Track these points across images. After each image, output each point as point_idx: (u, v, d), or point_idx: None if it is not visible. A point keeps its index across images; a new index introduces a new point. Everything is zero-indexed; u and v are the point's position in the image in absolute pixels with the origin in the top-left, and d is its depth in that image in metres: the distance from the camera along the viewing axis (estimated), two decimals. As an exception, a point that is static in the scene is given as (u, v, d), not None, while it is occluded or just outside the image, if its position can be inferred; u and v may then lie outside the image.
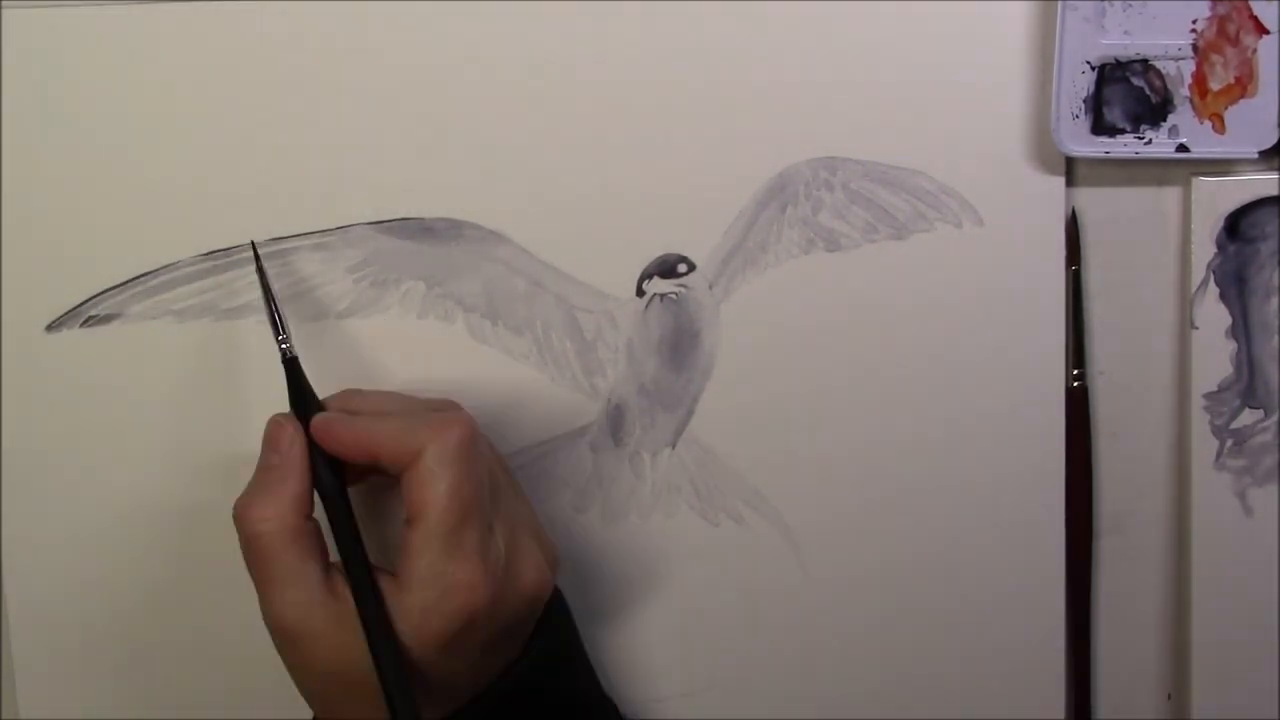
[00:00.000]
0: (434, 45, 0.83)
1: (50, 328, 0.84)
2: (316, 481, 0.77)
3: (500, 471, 0.81)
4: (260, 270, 0.81)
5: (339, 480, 0.78)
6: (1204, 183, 0.85)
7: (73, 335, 0.84)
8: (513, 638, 0.79)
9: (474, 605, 0.74)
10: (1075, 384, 0.87)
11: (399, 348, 0.85)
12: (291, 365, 0.79)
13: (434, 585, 0.74)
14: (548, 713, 0.81)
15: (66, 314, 0.84)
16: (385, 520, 0.84)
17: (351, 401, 0.81)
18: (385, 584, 0.75)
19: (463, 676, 0.77)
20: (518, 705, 0.79)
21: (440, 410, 0.79)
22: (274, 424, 0.78)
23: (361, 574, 0.75)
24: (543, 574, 0.78)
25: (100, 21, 0.83)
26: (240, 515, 0.76)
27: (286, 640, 0.76)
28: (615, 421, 0.87)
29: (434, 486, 0.74)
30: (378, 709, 0.73)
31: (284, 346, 0.79)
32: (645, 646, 0.89)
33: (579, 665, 0.85)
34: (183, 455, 0.86)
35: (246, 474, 0.82)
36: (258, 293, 0.83)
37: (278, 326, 0.79)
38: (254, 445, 0.84)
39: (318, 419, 0.78)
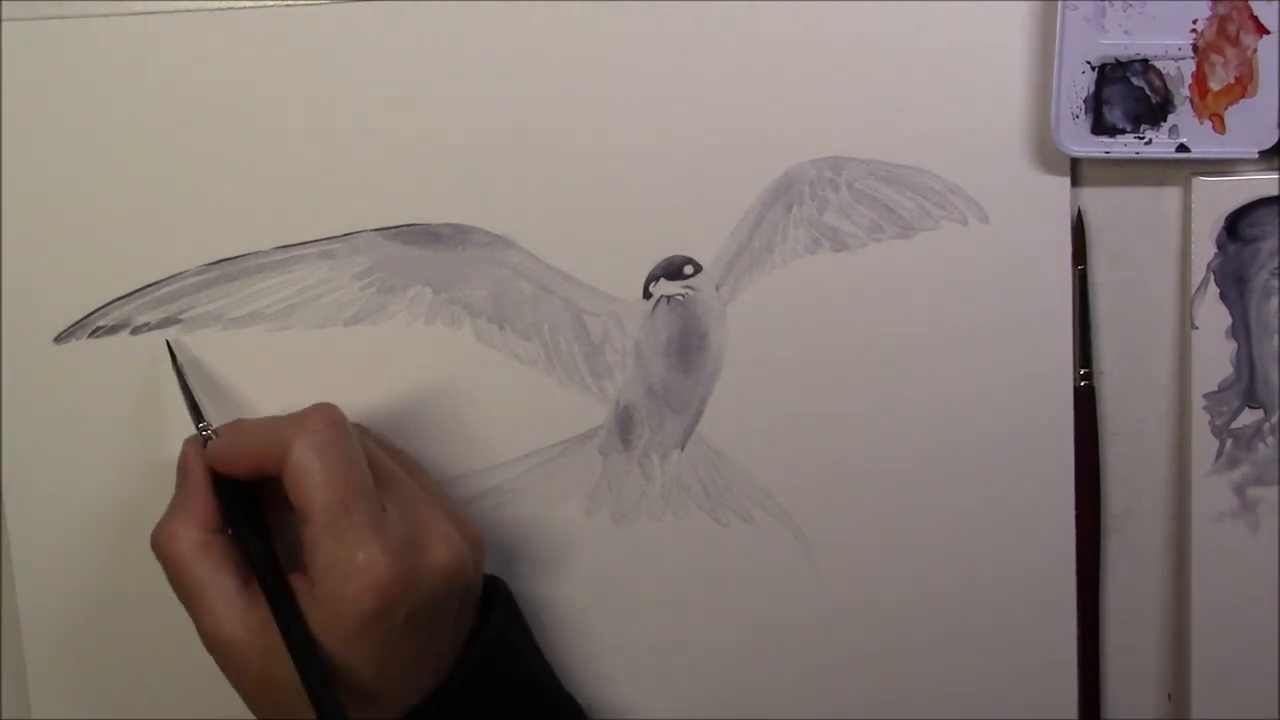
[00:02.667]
0: (438, 50, 0.84)
1: (58, 339, 0.84)
2: (222, 499, 0.79)
3: (389, 458, 0.81)
4: (176, 365, 0.84)
5: (244, 495, 0.79)
6: (1204, 183, 0.85)
7: (80, 346, 0.85)
8: (441, 625, 0.78)
9: (380, 581, 0.74)
10: (1082, 383, 0.87)
11: (407, 354, 0.85)
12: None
13: (335, 572, 0.74)
14: (502, 714, 0.81)
15: (74, 325, 0.84)
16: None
17: (239, 425, 0.83)
18: (298, 585, 0.76)
19: (397, 671, 0.77)
20: (467, 707, 0.79)
21: (305, 410, 0.79)
22: (180, 452, 0.81)
23: (270, 578, 0.76)
24: (456, 548, 0.78)
25: (102, 31, 0.83)
26: (154, 540, 0.78)
27: (217, 654, 0.77)
28: (624, 424, 0.87)
29: (309, 479, 0.75)
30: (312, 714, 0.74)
31: (206, 432, 0.81)
32: (657, 647, 0.89)
33: (531, 662, 0.85)
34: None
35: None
36: (264, 300, 0.84)
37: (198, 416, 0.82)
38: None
39: (208, 449, 0.80)
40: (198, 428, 0.81)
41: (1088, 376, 0.87)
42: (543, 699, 0.84)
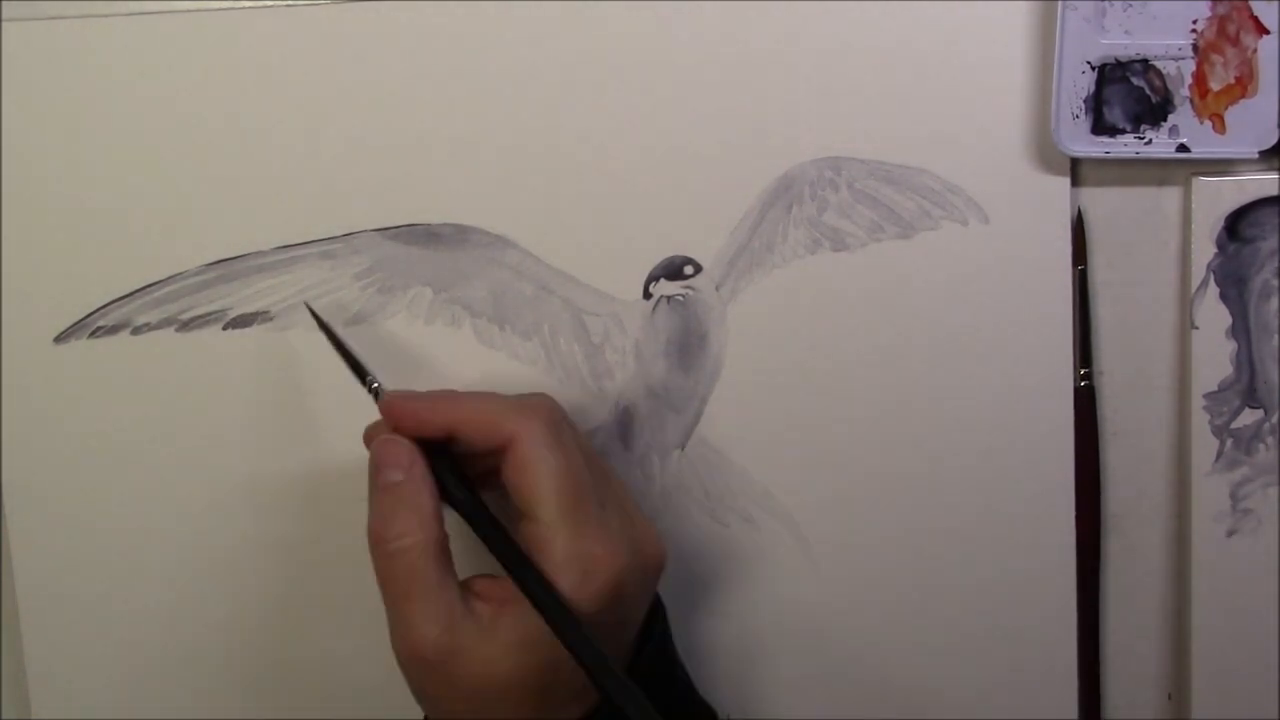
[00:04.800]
0: (437, 50, 0.84)
1: (58, 339, 0.84)
2: (444, 491, 0.75)
3: (590, 451, 0.80)
4: (325, 327, 0.82)
5: (467, 484, 0.76)
6: (1204, 183, 0.85)
7: (80, 346, 0.85)
8: (637, 620, 0.78)
9: (617, 573, 0.73)
10: (1082, 383, 0.87)
11: (407, 353, 0.85)
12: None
13: (575, 567, 0.72)
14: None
15: (74, 325, 0.84)
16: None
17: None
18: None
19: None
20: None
21: (525, 397, 0.77)
22: (386, 443, 0.76)
23: (520, 560, 0.73)
24: (659, 543, 0.78)
25: (102, 32, 0.83)
26: (378, 536, 0.74)
27: (429, 663, 0.73)
28: (624, 424, 0.87)
29: (541, 471, 0.73)
30: (532, 711, 0.73)
31: (375, 386, 0.78)
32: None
33: (679, 666, 0.83)
34: (189, 462, 0.86)
35: (252, 479, 0.83)
36: (264, 300, 0.84)
37: (362, 371, 0.79)
38: (260, 451, 0.85)
39: (392, 397, 0.76)
40: (364, 382, 0.78)
41: (1088, 376, 0.87)
42: (686, 707, 0.83)
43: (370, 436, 0.78)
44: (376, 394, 0.77)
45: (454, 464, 0.76)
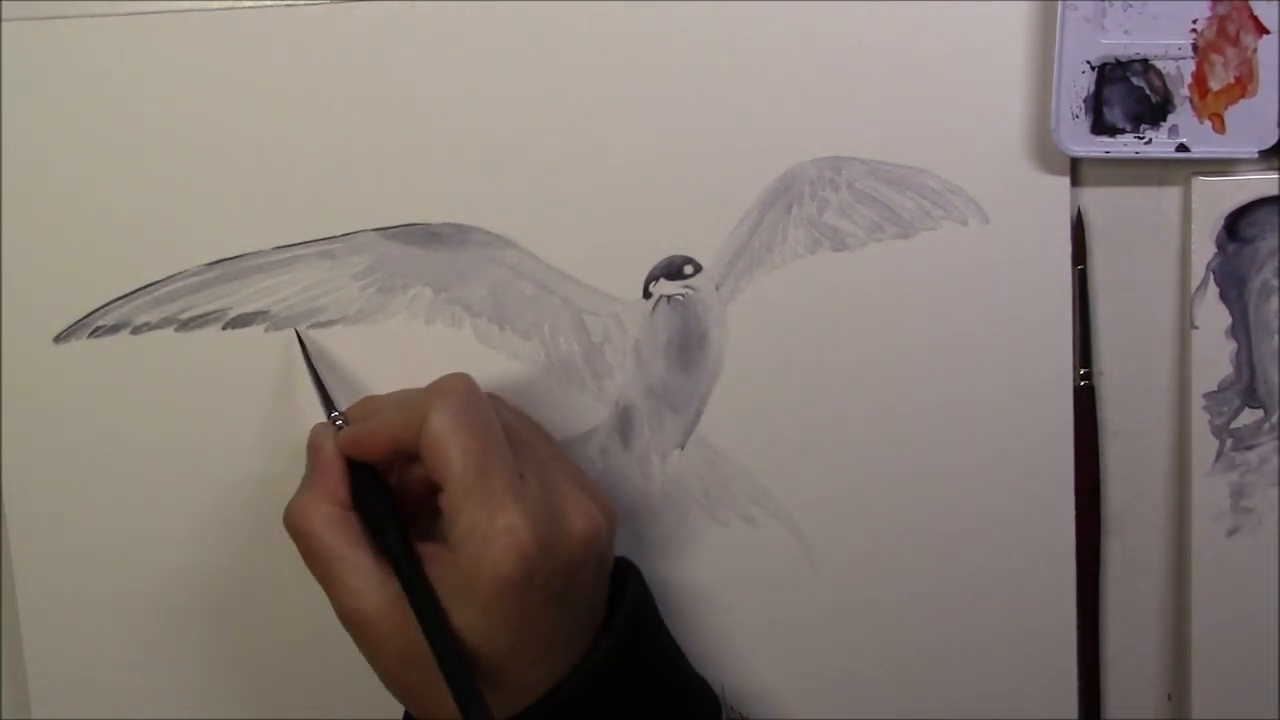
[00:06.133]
0: (437, 50, 0.84)
1: (58, 339, 0.84)
2: (352, 480, 0.78)
3: (525, 428, 0.82)
4: (305, 354, 0.84)
5: (373, 474, 0.79)
6: (1204, 183, 0.85)
7: (80, 346, 0.85)
8: (577, 598, 0.78)
9: (521, 545, 0.73)
10: (1082, 383, 0.87)
11: (407, 354, 0.85)
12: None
13: (475, 536, 0.74)
14: (638, 695, 0.80)
15: (74, 325, 0.84)
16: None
17: (369, 405, 0.83)
18: (435, 552, 0.76)
19: (532, 645, 0.76)
20: (601, 692, 0.77)
21: (439, 380, 0.79)
22: (310, 434, 0.81)
23: (400, 551, 0.76)
24: (592, 518, 0.77)
25: (102, 31, 0.83)
26: (287, 518, 0.78)
27: (356, 629, 0.77)
28: (624, 424, 0.87)
29: (448, 446, 0.74)
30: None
31: (338, 421, 0.82)
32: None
33: (662, 644, 0.83)
34: (189, 462, 0.86)
35: (252, 479, 0.83)
36: (264, 300, 0.84)
37: (330, 405, 0.82)
38: (258, 450, 0.85)
39: (342, 434, 0.79)
40: (330, 417, 0.81)
41: (1088, 376, 0.87)
42: (675, 680, 0.83)
43: None
44: (337, 425, 0.81)
45: (375, 473, 0.79)
